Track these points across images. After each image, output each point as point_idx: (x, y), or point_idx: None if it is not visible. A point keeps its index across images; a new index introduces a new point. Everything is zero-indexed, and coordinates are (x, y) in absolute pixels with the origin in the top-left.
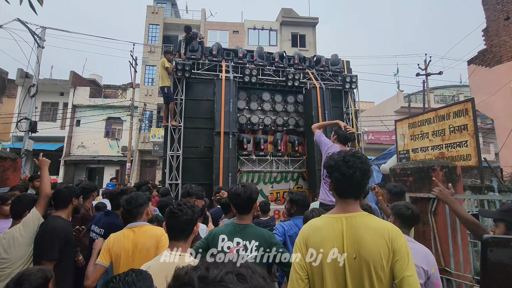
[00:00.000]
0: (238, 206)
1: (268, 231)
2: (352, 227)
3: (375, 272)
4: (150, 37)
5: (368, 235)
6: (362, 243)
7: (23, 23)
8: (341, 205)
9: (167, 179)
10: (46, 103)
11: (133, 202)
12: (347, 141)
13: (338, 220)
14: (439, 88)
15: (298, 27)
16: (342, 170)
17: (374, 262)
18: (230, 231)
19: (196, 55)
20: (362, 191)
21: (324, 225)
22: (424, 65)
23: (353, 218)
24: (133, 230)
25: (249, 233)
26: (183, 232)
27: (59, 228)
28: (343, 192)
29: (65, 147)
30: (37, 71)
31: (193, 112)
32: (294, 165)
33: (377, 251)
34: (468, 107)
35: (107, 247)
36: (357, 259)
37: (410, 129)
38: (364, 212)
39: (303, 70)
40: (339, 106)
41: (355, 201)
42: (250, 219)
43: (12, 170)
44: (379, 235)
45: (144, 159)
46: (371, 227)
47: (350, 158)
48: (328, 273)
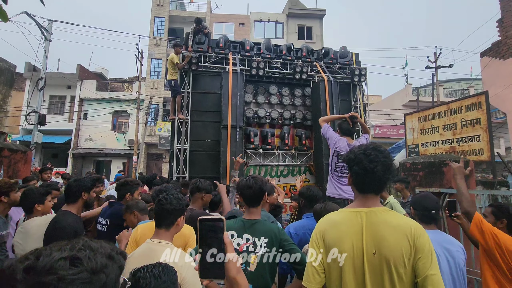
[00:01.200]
0: (249, 199)
1: (278, 226)
2: (372, 222)
3: (395, 270)
4: (155, 29)
5: (388, 232)
6: (382, 240)
7: (31, 16)
8: (361, 199)
9: (174, 172)
10: (54, 96)
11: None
12: (351, 134)
13: (358, 215)
14: (449, 81)
15: (305, 19)
16: (363, 164)
17: (395, 259)
18: (239, 227)
19: (202, 47)
20: (384, 187)
21: (342, 220)
22: (434, 58)
23: (373, 213)
24: None
25: (258, 229)
26: (164, 220)
27: (68, 227)
28: (363, 187)
29: (73, 140)
30: (44, 64)
31: (200, 105)
32: (301, 159)
33: (398, 249)
34: (481, 101)
35: (134, 238)
36: (376, 255)
37: (420, 123)
38: (384, 208)
39: (311, 62)
40: (347, 100)
41: (375, 196)
42: (259, 214)
43: (23, 163)
44: (400, 232)
45: (150, 152)
46: (393, 223)
47: (371, 152)
48: (347, 268)
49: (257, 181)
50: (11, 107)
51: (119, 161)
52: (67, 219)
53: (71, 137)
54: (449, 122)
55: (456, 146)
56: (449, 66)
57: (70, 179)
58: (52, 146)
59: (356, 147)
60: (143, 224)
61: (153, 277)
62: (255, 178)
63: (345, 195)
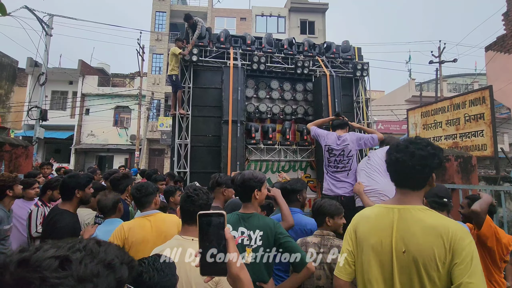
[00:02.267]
0: (237, 193)
1: (274, 220)
2: (404, 219)
3: (425, 272)
4: (157, 24)
5: (420, 231)
6: (411, 239)
7: (31, 11)
8: (397, 195)
9: (176, 167)
10: (56, 92)
11: (143, 191)
12: (342, 126)
13: (390, 211)
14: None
15: (307, 14)
16: (391, 155)
17: (425, 261)
18: (234, 220)
19: (203, 42)
20: (420, 181)
21: (374, 215)
22: (438, 52)
23: (407, 211)
24: (148, 218)
25: (253, 222)
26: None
27: (66, 227)
28: (396, 180)
29: (75, 136)
30: (45, 59)
31: (201, 100)
32: (302, 154)
33: (429, 250)
34: (485, 95)
35: (120, 235)
36: (406, 254)
37: (423, 118)
38: (421, 206)
39: (313, 57)
40: (349, 95)
41: (413, 191)
42: (255, 208)
43: (24, 157)
44: (435, 233)
45: (152, 148)
46: (426, 223)
47: (403, 143)
48: (373, 263)
49: (243, 176)
50: (13, 102)
51: (121, 156)
52: (66, 220)
53: (74, 133)
54: (452, 117)
55: (459, 141)
56: (453, 61)
57: None
58: (55, 141)
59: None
60: (127, 223)
61: (156, 271)
62: (242, 173)
63: (337, 191)
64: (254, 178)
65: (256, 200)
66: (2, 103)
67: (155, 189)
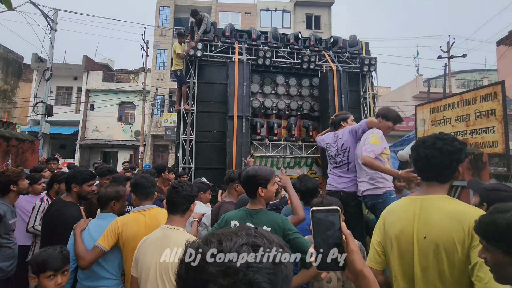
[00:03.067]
0: (244, 189)
1: (282, 216)
2: (425, 208)
3: (446, 256)
4: (161, 19)
5: (439, 217)
6: (433, 225)
7: (36, 6)
8: (424, 187)
9: (180, 163)
10: (61, 88)
11: (151, 179)
12: (337, 126)
13: (414, 202)
14: (462, 72)
15: (312, 8)
16: (418, 151)
17: (445, 245)
18: (242, 216)
19: (208, 36)
20: (446, 174)
21: (399, 207)
22: (447, 47)
23: (428, 200)
24: (143, 213)
25: (261, 218)
26: (181, 206)
27: (70, 218)
28: (422, 174)
29: (80, 131)
30: (50, 54)
31: (205, 95)
32: (308, 150)
33: (448, 234)
34: (497, 91)
35: (114, 231)
36: (426, 239)
37: (432, 114)
38: (443, 195)
39: (319, 52)
40: (356, 90)
41: (439, 184)
42: (262, 204)
43: (31, 152)
44: (454, 219)
45: (156, 144)
46: (446, 210)
47: (429, 139)
48: (398, 250)
49: (246, 172)
50: (19, 98)
51: (125, 152)
52: (71, 211)
53: (78, 128)
54: (462, 113)
55: (469, 138)
56: (463, 56)
57: None
58: (60, 137)
59: (425, 136)
60: (121, 217)
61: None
62: (246, 170)
63: (338, 186)
64: (258, 175)
65: (261, 197)
66: (8, 99)
67: (155, 183)
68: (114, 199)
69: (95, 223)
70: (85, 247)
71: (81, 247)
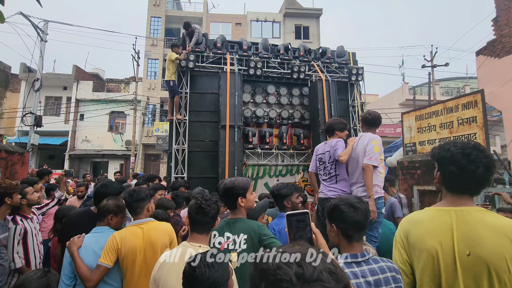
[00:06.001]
0: (222, 202)
1: (258, 223)
2: (465, 222)
3: (496, 275)
4: (152, 30)
5: (486, 233)
6: (479, 241)
7: (26, 17)
8: (451, 199)
9: (173, 173)
10: (50, 98)
11: (135, 196)
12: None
13: (446, 213)
14: (445, 80)
15: (301, 19)
16: (461, 164)
17: (495, 264)
18: (220, 227)
19: (200, 47)
20: (482, 189)
21: (427, 218)
22: (430, 57)
23: (466, 212)
24: (141, 227)
25: (238, 227)
26: (208, 225)
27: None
28: (459, 188)
29: (69, 141)
30: (40, 65)
31: (198, 105)
32: (299, 158)
33: (498, 252)
34: (477, 99)
35: (112, 246)
36: (471, 257)
37: (417, 122)
38: (478, 207)
39: (309, 62)
40: (344, 99)
41: (470, 197)
42: (243, 213)
43: (20, 164)
44: (502, 234)
45: (148, 153)
46: (491, 224)
47: (471, 151)
48: (432, 267)
49: (224, 185)
50: (6, 108)
51: (116, 162)
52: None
53: (68, 138)
54: (446, 121)
55: None
56: (445, 65)
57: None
58: (49, 147)
59: (450, 143)
60: (118, 232)
61: (207, 266)
62: (224, 182)
63: (328, 193)
64: (236, 186)
65: (241, 207)
66: None
67: (148, 194)
68: (112, 213)
69: (93, 239)
70: (86, 267)
71: (83, 267)
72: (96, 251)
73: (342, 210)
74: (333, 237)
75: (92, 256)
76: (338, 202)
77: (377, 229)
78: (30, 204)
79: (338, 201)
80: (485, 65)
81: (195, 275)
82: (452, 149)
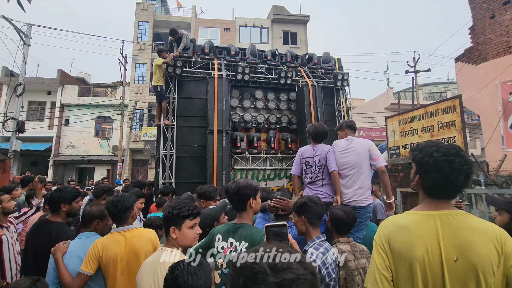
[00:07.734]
0: (231, 203)
1: (261, 232)
2: (451, 226)
3: (484, 279)
4: (140, 34)
5: (475, 238)
6: (469, 246)
7: (8, 20)
8: (430, 202)
9: (161, 178)
10: (33, 102)
11: (120, 206)
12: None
13: (430, 218)
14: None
15: (289, 25)
16: (445, 172)
17: (484, 268)
18: (225, 231)
19: (188, 53)
20: (460, 191)
21: (412, 223)
22: (413, 62)
23: (450, 217)
24: (123, 234)
25: (241, 233)
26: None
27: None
28: (439, 193)
29: (53, 147)
30: (23, 69)
31: (185, 110)
32: (287, 162)
33: (487, 256)
34: (456, 104)
35: (94, 254)
36: (458, 262)
37: (400, 126)
38: (460, 211)
39: (295, 68)
40: (331, 104)
41: (448, 200)
42: (249, 218)
43: (2, 171)
44: (487, 239)
45: (135, 158)
46: (477, 229)
47: (455, 158)
48: (421, 276)
49: (238, 184)
50: None
51: (102, 168)
52: (67, 231)
53: (52, 144)
54: (427, 125)
55: None
56: (427, 70)
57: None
58: (32, 153)
59: (431, 147)
60: (100, 240)
61: (190, 274)
62: (235, 182)
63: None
64: (249, 186)
65: (251, 208)
66: None
67: (132, 202)
68: (98, 218)
69: (78, 245)
70: (69, 274)
71: (65, 274)
72: (81, 257)
73: (309, 205)
74: (300, 225)
75: (78, 261)
76: (305, 200)
77: (363, 230)
78: (5, 212)
79: (305, 200)
80: (463, 71)
81: (178, 283)
82: (436, 155)
